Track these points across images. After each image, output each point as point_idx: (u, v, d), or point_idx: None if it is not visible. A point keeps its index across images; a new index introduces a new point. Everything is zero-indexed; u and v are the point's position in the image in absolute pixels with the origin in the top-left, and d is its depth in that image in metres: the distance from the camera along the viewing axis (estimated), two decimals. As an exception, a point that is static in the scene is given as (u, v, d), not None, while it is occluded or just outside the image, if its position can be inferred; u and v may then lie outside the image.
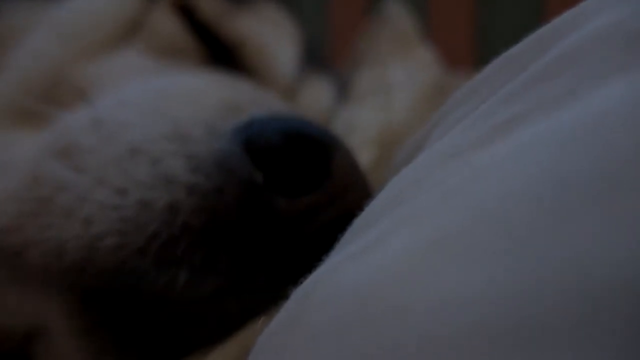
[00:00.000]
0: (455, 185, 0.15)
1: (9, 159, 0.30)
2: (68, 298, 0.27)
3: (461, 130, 0.17)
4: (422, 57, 0.57)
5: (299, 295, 0.17)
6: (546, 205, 0.12)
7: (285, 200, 0.26)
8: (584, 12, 0.18)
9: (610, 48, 0.16)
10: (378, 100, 0.48)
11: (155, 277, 0.26)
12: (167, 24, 0.42)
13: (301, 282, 0.19)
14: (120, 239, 0.25)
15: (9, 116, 0.34)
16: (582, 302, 0.11)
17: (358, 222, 0.19)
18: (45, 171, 0.27)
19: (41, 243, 0.26)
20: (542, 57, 0.18)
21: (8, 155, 0.31)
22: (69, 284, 0.27)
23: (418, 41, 0.58)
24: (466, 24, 0.86)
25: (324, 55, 0.74)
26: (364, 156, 0.41)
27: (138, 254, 0.25)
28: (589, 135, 0.13)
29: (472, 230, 0.13)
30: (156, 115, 0.29)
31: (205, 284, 0.26)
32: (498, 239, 0.12)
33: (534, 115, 0.15)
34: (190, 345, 0.27)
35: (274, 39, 0.45)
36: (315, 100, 0.47)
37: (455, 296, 0.12)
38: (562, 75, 0.16)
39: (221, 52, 0.44)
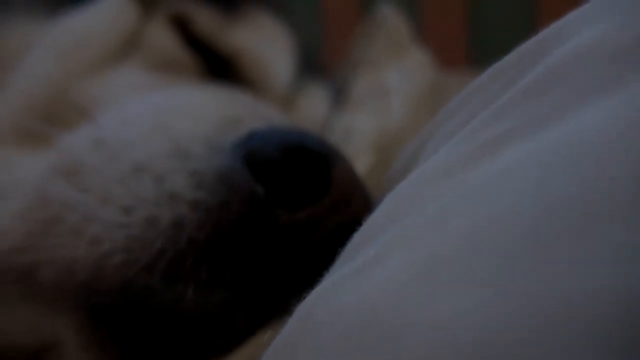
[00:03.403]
0: (447, 207, 0.15)
1: (14, 180, 0.31)
2: (78, 314, 0.28)
3: (452, 146, 0.18)
4: (416, 58, 0.58)
5: (301, 313, 0.17)
6: (531, 230, 0.13)
7: (287, 212, 0.27)
8: (567, 25, 0.19)
9: (594, 65, 0.16)
10: (374, 104, 0.49)
11: (162, 292, 0.26)
12: (163, 38, 0.42)
13: (304, 297, 0.19)
14: (128, 257, 0.26)
15: (12, 137, 0.35)
16: (564, 327, 0.11)
17: (356, 238, 0.20)
18: (51, 191, 0.28)
19: (51, 262, 0.27)
20: (530, 72, 0.18)
21: (13, 176, 0.31)
22: (79, 301, 0.27)
23: (412, 43, 0.59)
24: (459, 23, 0.87)
25: (319, 60, 0.74)
26: (362, 161, 0.41)
27: (145, 271, 0.26)
28: (574, 157, 0.14)
29: (463, 253, 0.14)
30: (158, 132, 0.29)
31: (212, 297, 0.26)
32: (488, 263, 0.13)
33: (521, 133, 0.16)
34: (198, 358, 0.28)
35: (270, 49, 0.46)
36: (312, 107, 0.48)
37: (449, 319, 0.13)
38: (549, 93, 0.17)
39: (218, 65, 0.44)
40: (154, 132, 0.29)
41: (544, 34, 0.20)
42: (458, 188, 0.16)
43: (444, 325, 0.13)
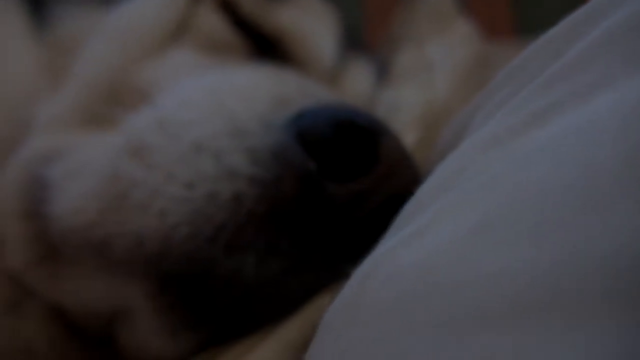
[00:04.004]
0: (496, 175, 0.16)
1: (85, 160, 0.33)
2: (148, 283, 0.30)
3: (500, 117, 0.19)
4: (460, 31, 0.57)
5: (359, 275, 0.19)
6: (570, 193, 0.14)
7: (338, 185, 0.28)
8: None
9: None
10: (419, 79, 0.49)
11: (224, 261, 0.28)
12: (211, 21, 0.44)
13: (359, 263, 0.21)
14: (192, 229, 0.28)
15: (79, 120, 0.37)
16: (597, 278, 0.12)
17: (409, 207, 0.21)
18: (120, 170, 0.30)
19: (123, 235, 0.29)
20: (576, 43, 0.19)
21: (83, 157, 0.34)
22: (149, 270, 0.30)
23: (456, 15, 0.58)
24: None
25: (362, 37, 0.74)
26: (409, 137, 0.42)
27: (208, 242, 0.28)
28: (621, 126, 0.14)
29: (510, 216, 0.15)
30: (214, 112, 0.31)
31: (270, 266, 0.28)
32: (532, 223, 0.14)
33: (568, 103, 0.16)
34: (257, 321, 0.30)
35: (314, 27, 0.47)
36: (356, 83, 0.49)
37: (503, 272, 0.14)
38: (595, 64, 0.17)
39: (264, 44, 0.45)
40: (210, 112, 0.31)
41: (593, 4, 0.20)
42: (505, 157, 0.17)
43: (494, 279, 0.14)
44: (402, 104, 0.45)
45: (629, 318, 0.12)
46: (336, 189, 0.28)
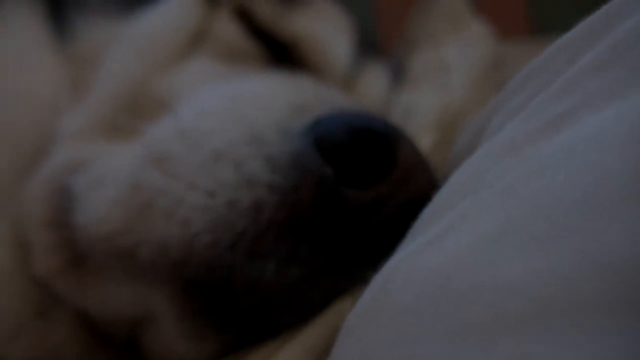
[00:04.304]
0: (513, 182, 0.17)
1: (109, 170, 0.34)
2: (171, 289, 0.31)
3: (517, 123, 0.19)
4: (476, 32, 0.57)
5: (379, 280, 0.19)
6: (586, 201, 0.14)
7: (355, 191, 0.29)
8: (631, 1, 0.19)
9: None
10: (434, 82, 0.49)
11: (245, 268, 0.29)
12: (228, 30, 0.45)
13: (378, 268, 0.21)
14: (214, 237, 0.29)
15: (102, 131, 0.38)
16: (612, 285, 0.13)
17: (426, 213, 0.21)
18: (143, 179, 0.31)
19: (147, 243, 0.30)
20: (593, 48, 0.19)
21: (107, 166, 0.35)
22: (172, 277, 0.30)
23: (470, 16, 0.58)
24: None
25: (376, 39, 0.74)
26: (425, 140, 0.42)
27: (229, 249, 0.29)
28: (629, 133, 0.15)
29: (526, 223, 0.15)
30: (233, 121, 0.32)
31: (290, 272, 0.29)
32: (548, 230, 0.14)
33: (583, 110, 0.17)
34: (278, 327, 0.30)
35: (328, 33, 0.47)
36: (371, 87, 0.49)
37: (520, 278, 0.14)
38: (611, 70, 0.17)
39: (280, 51, 0.46)
40: (229, 120, 0.32)
41: (608, 8, 0.20)
42: (523, 164, 0.17)
43: (510, 286, 0.14)
44: (418, 107, 0.45)
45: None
46: (354, 195, 0.29)
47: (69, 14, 0.43)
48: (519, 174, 0.17)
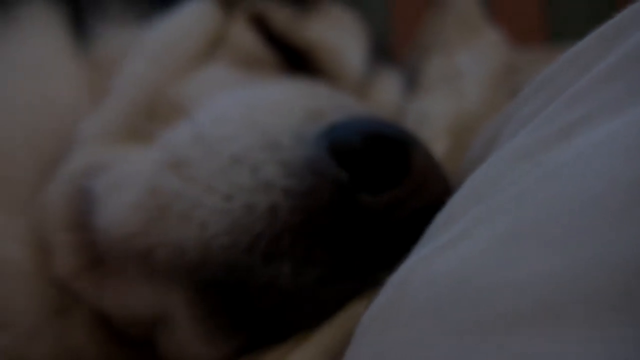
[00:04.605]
0: (525, 188, 0.17)
1: (127, 173, 0.35)
2: (188, 290, 0.31)
3: (529, 131, 0.19)
4: (489, 39, 0.57)
5: (395, 282, 0.19)
6: (596, 207, 0.15)
7: (369, 196, 0.29)
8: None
9: None
10: (448, 88, 0.49)
11: (261, 270, 0.29)
12: (244, 37, 0.45)
13: (392, 271, 0.22)
14: (231, 239, 0.29)
15: (121, 135, 0.39)
16: (619, 287, 0.13)
17: (440, 218, 0.22)
18: (161, 183, 0.32)
19: (165, 245, 0.31)
20: (605, 58, 0.19)
21: (125, 170, 0.36)
22: (189, 278, 0.31)
23: (483, 23, 0.58)
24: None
25: (390, 46, 0.75)
26: (439, 146, 0.42)
27: (246, 251, 0.29)
28: (636, 140, 0.15)
29: (538, 226, 0.16)
30: (249, 126, 0.32)
31: (305, 274, 0.29)
32: (559, 233, 0.15)
33: (595, 118, 0.17)
34: (293, 328, 0.31)
35: (343, 40, 0.48)
36: (385, 94, 0.49)
37: (532, 278, 0.15)
38: (623, 79, 0.17)
39: (295, 58, 0.47)
40: (246, 126, 0.32)
41: (621, 17, 0.21)
42: (535, 170, 0.17)
43: (523, 286, 0.15)
44: (431, 114, 0.45)
45: None
46: (368, 200, 0.29)
47: (89, 21, 0.44)
48: (531, 180, 0.17)
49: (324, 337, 0.28)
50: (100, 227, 0.34)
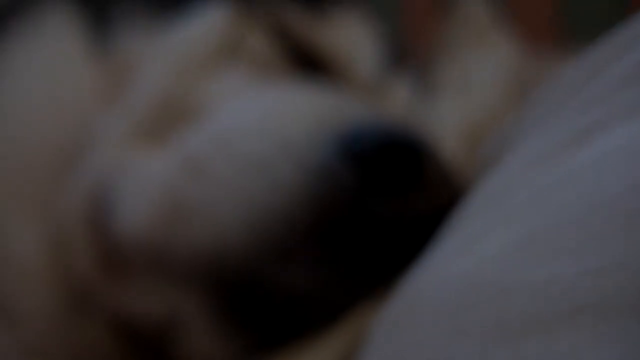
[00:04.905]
0: (542, 191, 0.17)
1: (144, 176, 0.36)
2: (203, 292, 0.32)
3: (543, 135, 0.20)
4: (500, 46, 0.57)
5: (409, 284, 0.20)
6: (616, 209, 0.15)
7: (382, 201, 0.30)
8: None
9: None
10: (460, 93, 0.49)
11: (275, 272, 0.30)
12: (259, 42, 0.46)
13: (404, 274, 0.22)
14: (248, 242, 0.30)
15: (139, 137, 0.40)
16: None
17: (453, 222, 0.22)
18: (178, 185, 0.32)
19: (182, 247, 0.31)
20: (618, 62, 0.19)
21: (143, 172, 0.36)
22: (205, 280, 0.31)
23: (495, 30, 0.58)
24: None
25: (402, 49, 0.75)
26: (450, 150, 0.43)
27: (263, 254, 0.30)
28: None
29: (557, 230, 0.16)
30: (266, 131, 0.33)
31: (318, 276, 0.30)
32: (575, 237, 0.15)
33: (611, 122, 0.17)
34: (304, 330, 0.31)
35: (356, 43, 0.48)
36: (398, 97, 0.50)
37: (552, 280, 0.15)
38: (638, 83, 0.18)
39: (307, 60, 0.47)
40: (263, 130, 0.33)
41: (635, 21, 0.21)
42: (550, 174, 0.17)
43: (540, 289, 0.15)
44: (443, 118, 0.46)
45: None
46: (379, 205, 0.30)
47: (109, 23, 0.44)
48: (546, 184, 0.17)
49: (335, 339, 0.28)
50: (117, 229, 0.34)
